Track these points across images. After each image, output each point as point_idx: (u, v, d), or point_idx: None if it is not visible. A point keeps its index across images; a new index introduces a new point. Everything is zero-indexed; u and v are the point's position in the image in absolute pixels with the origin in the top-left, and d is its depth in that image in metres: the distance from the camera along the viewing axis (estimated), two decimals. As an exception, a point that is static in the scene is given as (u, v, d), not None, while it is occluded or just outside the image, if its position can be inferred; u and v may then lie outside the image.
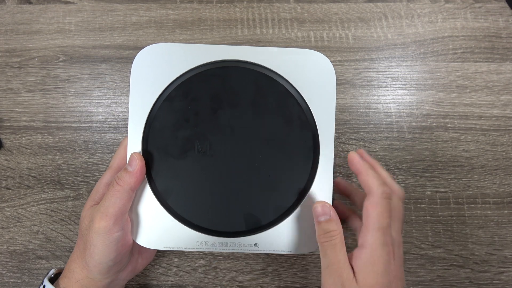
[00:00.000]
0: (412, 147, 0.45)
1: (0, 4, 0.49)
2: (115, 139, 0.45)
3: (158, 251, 0.42)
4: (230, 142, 0.32)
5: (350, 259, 0.29)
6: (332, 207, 0.31)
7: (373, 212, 0.29)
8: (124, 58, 0.47)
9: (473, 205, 0.44)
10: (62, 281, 0.33)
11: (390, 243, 0.29)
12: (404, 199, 0.37)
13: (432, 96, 0.46)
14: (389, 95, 0.47)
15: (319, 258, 0.41)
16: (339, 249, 0.29)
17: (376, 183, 0.30)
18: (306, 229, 0.32)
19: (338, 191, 0.39)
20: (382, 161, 0.45)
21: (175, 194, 0.32)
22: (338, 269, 0.28)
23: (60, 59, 0.47)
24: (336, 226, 0.29)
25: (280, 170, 0.32)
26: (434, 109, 0.46)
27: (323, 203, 0.31)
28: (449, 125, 0.46)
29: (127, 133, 0.33)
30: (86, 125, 0.45)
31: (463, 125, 0.46)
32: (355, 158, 0.32)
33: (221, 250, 0.33)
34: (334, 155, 0.33)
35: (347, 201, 0.42)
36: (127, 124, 0.33)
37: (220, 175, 0.32)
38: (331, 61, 0.47)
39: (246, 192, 0.32)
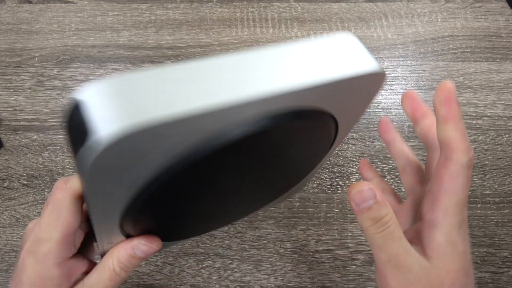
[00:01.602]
0: (412, 146, 0.45)
1: (0, 4, 0.49)
2: (115, 138, 0.45)
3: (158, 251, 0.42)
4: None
5: (414, 240, 0.23)
6: (373, 186, 0.21)
7: (453, 185, 0.22)
8: (124, 57, 0.47)
9: (473, 205, 0.44)
10: None
11: (467, 220, 0.23)
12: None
13: (432, 95, 0.46)
14: (389, 95, 0.46)
15: (319, 258, 0.41)
16: (398, 236, 0.22)
17: (462, 145, 0.21)
18: None
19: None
20: (382, 160, 0.45)
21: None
22: (406, 260, 0.22)
23: (60, 59, 0.47)
24: (386, 209, 0.21)
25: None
26: (434, 108, 0.46)
27: (360, 185, 0.21)
28: (449, 125, 0.46)
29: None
30: (86, 124, 0.45)
31: (463, 125, 0.46)
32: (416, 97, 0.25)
33: None
34: (334, 154, 0.33)
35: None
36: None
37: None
38: (331, 61, 0.47)
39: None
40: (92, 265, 0.26)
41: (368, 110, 0.46)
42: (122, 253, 0.24)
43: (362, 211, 0.21)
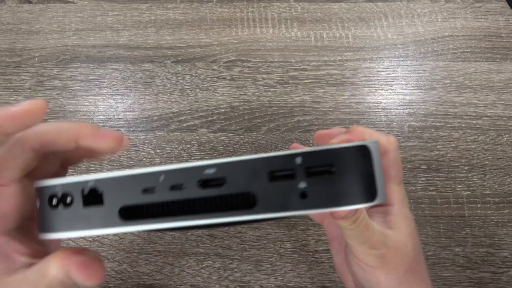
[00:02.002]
0: (412, 146, 0.45)
1: (0, 4, 0.49)
2: (115, 138, 0.45)
3: (158, 250, 0.42)
4: None
5: (377, 219, 0.27)
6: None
7: (393, 170, 0.26)
8: (124, 57, 0.47)
9: (473, 205, 0.44)
10: None
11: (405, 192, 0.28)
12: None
13: (432, 95, 0.46)
14: (389, 95, 0.46)
15: (319, 258, 0.41)
16: (370, 224, 0.24)
17: (381, 135, 0.27)
18: None
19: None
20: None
21: None
22: (377, 238, 0.25)
23: (60, 59, 0.47)
24: (360, 211, 0.23)
25: None
26: (434, 108, 0.46)
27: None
28: (449, 125, 0.46)
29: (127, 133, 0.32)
30: (86, 124, 0.45)
31: (463, 125, 0.46)
32: (330, 131, 0.29)
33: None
34: None
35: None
36: (127, 123, 0.33)
37: None
38: (331, 61, 0.48)
39: None
40: (36, 248, 0.21)
41: (368, 110, 0.46)
42: (72, 269, 0.19)
43: (342, 219, 0.22)
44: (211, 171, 0.18)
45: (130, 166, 0.44)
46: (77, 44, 0.48)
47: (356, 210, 0.21)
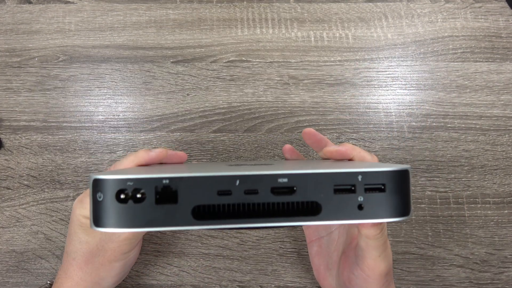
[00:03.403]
0: (412, 147, 0.45)
1: (0, 4, 0.49)
2: (115, 138, 0.45)
3: (158, 251, 0.42)
4: None
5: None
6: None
7: None
8: (124, 58, 0.47)
9: (473, 205, 0.44)
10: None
11: None
12: None
13: (432, 96, 0.46)
14: (389, 95, 0.46)
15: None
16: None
17: (366, 154, 0.29)
18: None
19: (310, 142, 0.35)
20: (382, 160, 0.45)
21: None
22: (389, 252, 0.28)
23: (60, 59, 0.47)
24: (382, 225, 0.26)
25: None
26: (434, 109, 0.46)
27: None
28: (449, 125, 0.46)
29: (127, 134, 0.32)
30: (86, 124, 0.45)
31: (463, 125, 0.46)
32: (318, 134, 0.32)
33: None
34: None
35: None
36: (127, 123, 0.33)
37: None
38: (331, 61, 0.48)
39: None
40: None
41: (368, 110, 0.46)
42: None
43: (373, 228, 0.26)
44: (284, 180, 0.20)
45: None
46: (77, 44, 0.47)
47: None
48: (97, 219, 0.20)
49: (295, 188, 0.20)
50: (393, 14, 0.49)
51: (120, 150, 0.45)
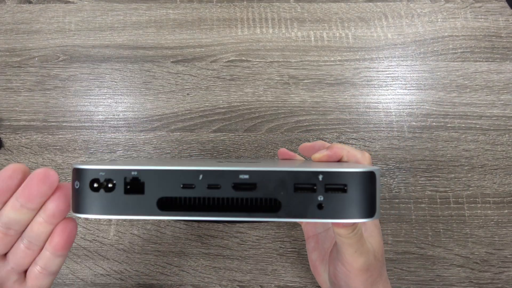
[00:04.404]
0: (412, 146, 0.45)
1: (0, 4, 0.49)
2: (115, 138, 0.45)
3: (158, 250, 0.42)
4: None
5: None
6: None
7: None
8: (124, 57, 0.47)
9: (473, 205, 0.44)
10: None
11: None
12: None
13: (432, 95, 0.46)
14: (389, 95, 0.46)
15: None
16: (362, 233, 0.28)
17: (357, 152, 0.29)
18: None
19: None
20: (382, 160, 0.45)
21: None
22: (367, 247, 0.28)
23: (60, 59, 0.47)
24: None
25: None
26: (434, 108, 0.46)
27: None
28: (449, 125, 0.46)
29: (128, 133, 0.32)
30: (86, 124, 0.45)
31: (463, 125, 0.46)
32: (313, 143, 0.32)
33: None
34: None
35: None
36: (127, 123, 0.33)
37: None
38: (331, 61, 0.48)
39: None
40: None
41: (368, 110, 0.46)
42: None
43: (344, 228, 0.26)
44: (245, 176, 0.21)
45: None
46: (77, 44, 0.47)
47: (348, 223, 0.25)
48: (75, 206, 0.21)
49: (256, 185, 0.21)
50: (393, 14, 0.49)
51: (120, 150, 0.45)
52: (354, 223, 0.25)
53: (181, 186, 0.21)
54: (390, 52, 0.48)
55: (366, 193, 0.21)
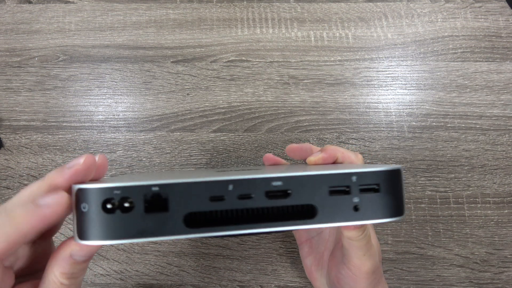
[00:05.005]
0: (412, 146, 0.45)
1: (0, 4, 0.49)
2: (115, 138, 0.45)
3: (158, 250, 0.42)
4: None
5: None
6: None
7: None
8: (124, 57, 0.47)
9: (473, 205, 0.44)
10: None
11: None
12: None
13: (432, 95, 0.46)
14: (389, 95, 0.46)
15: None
16: (370, 236, 0.28)
17: (351, 153, 0.29)
18: None
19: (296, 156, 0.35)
20: (382, 160, 0.45)
21: None
22: (374, 251, 0.28)
23: (60, 59, 0.47)
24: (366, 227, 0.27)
25: None
26: (434, 108, 0.46)
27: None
28: (449, 125, 0.46)
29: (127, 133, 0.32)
30: (86, 124, 0.45)
31: (463, 125, 0.46)
32: (300, 145, 0.32)
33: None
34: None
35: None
36: (127, 123, 0.33)
37: None
38: (331, 61, 0.48)
39: None
40: (36, 284, 0.22)
41: (368, 110, 0.46)
42: (62, 262, 0.20)
43: (355, 230, 0.26)
44: (278, 183, 0.19)
45: (130, 166, 0.44)
46: (77, 44, 0.47)
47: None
48: (82, 232, 0.18)
49: (289, 191, 0.19)
50: (393, 14, 0.49)
51: (120, 150, 0.45)
52: (362, 225, 0.25)
53: (210, 198, 0.19)
54: (390, 52, 0.48)
55: (396, 191, 0.20)
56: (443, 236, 0.43)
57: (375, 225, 0.38)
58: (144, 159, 0.44)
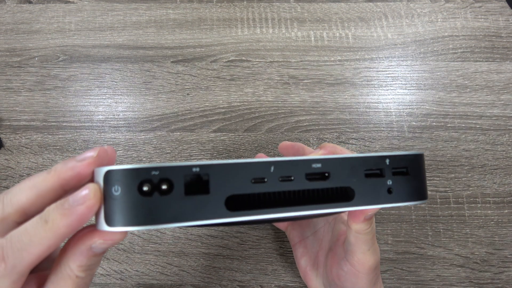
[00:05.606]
0: (412, 146, 0.45)
1: (0, 4, 0.49)
2: (115, 138, 0.45)
3: (158, 250, 0.42)
4: None
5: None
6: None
7: None
8: (124, 57, 0.47)
9: (473, 205, 0.44)
10: None
11: None
12: None
13: (432, 95, 0.46)
14: (389, 95, 0.46)
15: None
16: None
17: (348, 152, 0.30)
18: None
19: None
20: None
21: None
22: (377, 246, 0.29)
23: (60, 59, 0.47)
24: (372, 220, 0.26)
25: None
26: (434, 108, 0.46)
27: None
28: (449, 125, 0.46)
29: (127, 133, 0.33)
30: (86, 124, 0.45)
31: (463, 125, 0.46)
32: (293, 143, 0.33)
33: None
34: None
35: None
36: (127, 123, 0.33)
37: None
38: (331, 61, 0.48)
39: None
40: (42, 276, 0.21)
41: (368, 110, 0.46)
42: (79, 256, 0.19)
43: (364, 222, 0.26)
44: (318, 165, 0.19)
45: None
46: (77, 44, 0.47)
47: (372, 215, 0.25)
48: (112, 218, 0.17)
49: (327, 174, 0.20)
50: (393, 14, 0.49)
51: (120, 150, 0.45)
52: (371, 214, 0.25)
53: (252, 180, 0.18)
54: (390, 52, 0.48)
55: (421, 174, 0.21)
56: (443, 236, 0.43)
57: (376, 225, 0.38)
58: (144, 159, 0.44)
